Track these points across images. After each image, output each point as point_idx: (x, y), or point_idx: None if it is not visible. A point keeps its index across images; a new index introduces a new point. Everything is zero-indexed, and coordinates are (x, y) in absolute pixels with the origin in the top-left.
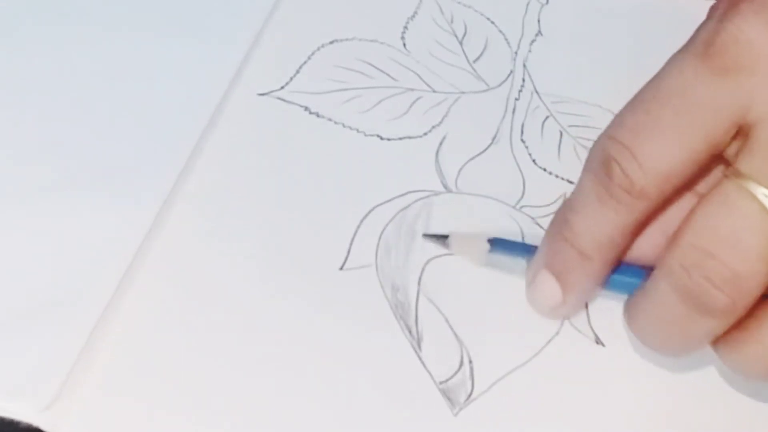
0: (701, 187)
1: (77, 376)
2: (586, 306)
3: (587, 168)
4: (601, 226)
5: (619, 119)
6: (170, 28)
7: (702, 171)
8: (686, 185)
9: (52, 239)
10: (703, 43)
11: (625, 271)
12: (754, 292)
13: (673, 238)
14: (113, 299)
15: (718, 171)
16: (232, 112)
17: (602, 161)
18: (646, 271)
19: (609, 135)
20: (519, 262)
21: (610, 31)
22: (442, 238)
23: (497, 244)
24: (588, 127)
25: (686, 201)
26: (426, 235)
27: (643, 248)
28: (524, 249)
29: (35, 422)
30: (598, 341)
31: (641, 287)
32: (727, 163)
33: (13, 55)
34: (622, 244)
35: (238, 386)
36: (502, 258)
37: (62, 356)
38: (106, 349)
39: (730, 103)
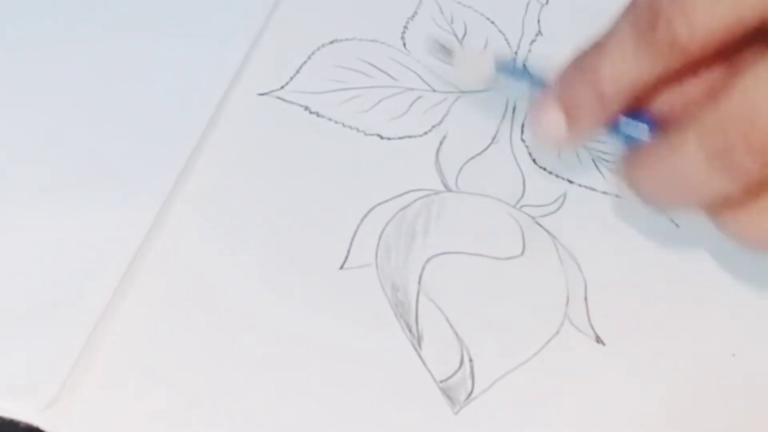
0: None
1: (77, 376)
2: (586, 306)
3: (627, 18)
4: (628, 73)
5: None
6: (170, 28)
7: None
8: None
9: (52, 239)
10: None
11: (631, 124)
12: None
13: (716, 101)
14: (113, 299)
15: None
16: (232, 112)
17: (647, 13)
18: (649, 127)
19: None
20: (522, 86)
21: None
22: (447, 52)
23: (503, 65)
24: None
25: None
26: (431, 46)
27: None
28: (529, 76)
29: (35, 422)
30: (598, 340)
31: (655, 139)
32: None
33: (13, 55)
34: (641, 94)
35: (238, 386)
36: (506, 79)
37: (62, 356)
38: (106, 349)
39: None
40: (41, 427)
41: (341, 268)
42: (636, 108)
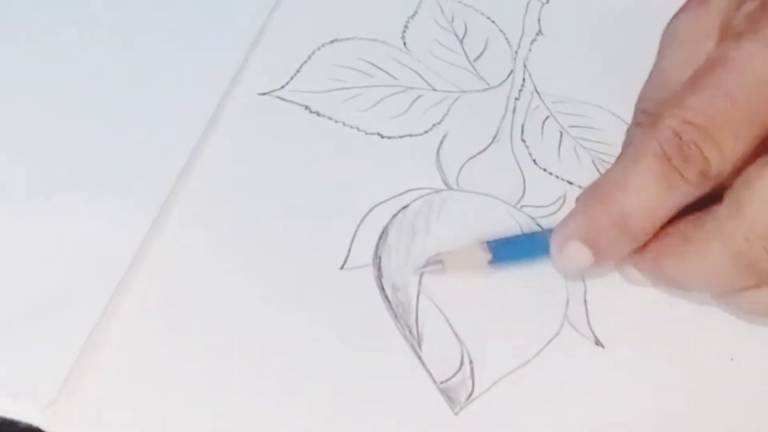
0: None
1: (77, 376)
2: (586, 308)
3: (649, 151)
4: (660, 209)
5: (695, 106)
6: (170, 28)
7: None
8: None
9: (52, 239)
10: None
11: None
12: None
13: (735, 208)
14: (113, 299)
15: None
16: (232, 112)
17: (677, 143)
18: None
19: (683, 118)
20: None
21: (611, 31)
22: (436, 264)
23: (497, 252)
24: (588, 127)
25: None
26: (418, 270)
27: None
28: (524, 246)
29: (35, 422)
30: (597, 342)
31: (676, 236)
32: None
33: (13, 57)
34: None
35: (238, 386)
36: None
37: (62, 356)
38: (105, 349)
39: None
40: (41, 427)
41: (342, 267)
42: None
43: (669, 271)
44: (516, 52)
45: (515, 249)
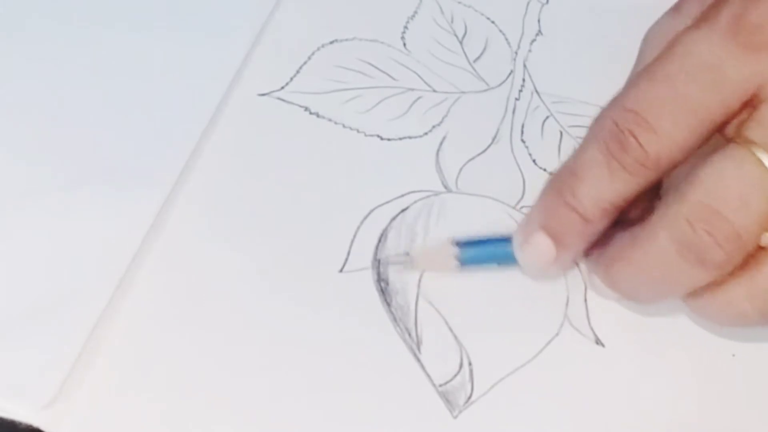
0: None
1: (77, 376)
2: (586, 307)
3: (594, 137)
4: (607, 194)
5: (636, 92)
6: (170, 28)
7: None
8: None
9: (52, 239)
10: (731, 21)
11: None
12: (747, 251)
13: (679, 194)
14: (113, 299)
15: None
16: (232, 112)
17: (615, 132)
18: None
19: (624, 107)
20: (493, 256)
21: (611, 31)
22: (403, 256)
23: (465, 251)
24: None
25: None
26: (386, 261)
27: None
28: (493, 246)
29: (35, 422)
30: (597, 342)
31: (628, 238)
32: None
33: (12, 55)
34: (623, 208)
35: (238, 387)
36: (474, 262)
37: (62, 356)
38: (106, 349)
39: (754, 80)
40: (41, 427)
41: (341, 270)
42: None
43: (618, 273)
44: (516, 53)
45: (485, 251)
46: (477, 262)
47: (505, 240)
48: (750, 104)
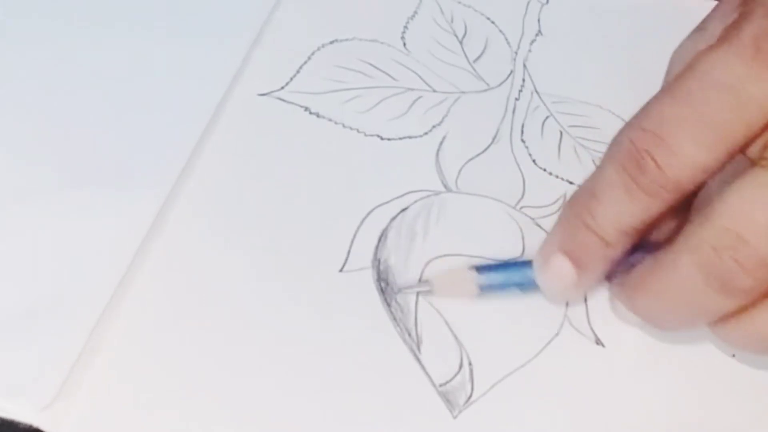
0: None
1: (77, 376)
2: (586, 306)
3: (612, 158)
4: (626, 217)
5: (654, 112)
6: (170, 29)
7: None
8: None
9: (52, 239)
10: (753, 39)
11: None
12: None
13: (704, 219)
14: (113, 299)
15: None
16: (232, 112)
17: (632, 153)
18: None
19: (641, 127)
20: (512, 281)
21: (611, 31)
22: (424, 283)
23: (485, 277)
24: (588, 127)
25: None
26: (404, 289)
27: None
28: (512, 272)
29: (35, 422)
30: (598, 342)
31: (651, 263)
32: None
33: (13, 55)
34: (643, 231)
35: (237, 387)
36: (494, 289)
37: (62, 356)
38: (106, 349)
39: None
40: (41, 427)
41: (341, 270)
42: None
43: (640, 299)
44: (516, 53)
45: (504, 276)
46: (497, 288)
47: (525, 264)
48: None
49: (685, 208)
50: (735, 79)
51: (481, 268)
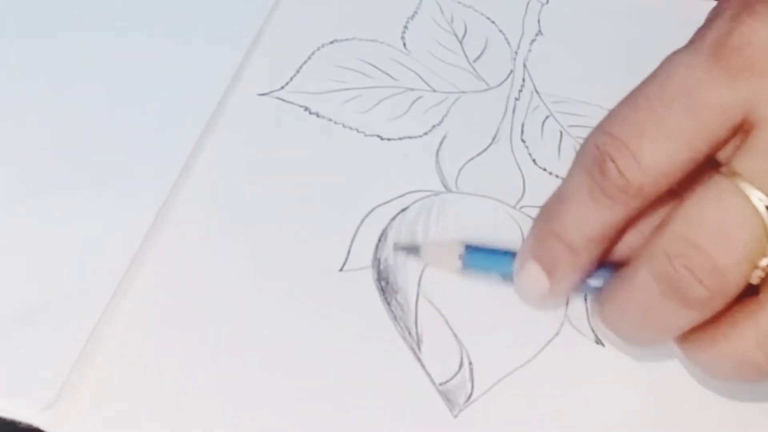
0: None
1: (77, 376)
2: (586, 306)
3: (579, 163)
4: (591, 223)
5: (618, 116)
6: (170, 29)
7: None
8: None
9: (52, 239)
10: (714, 43)
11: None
12: (732, 289)
13: (660, 227)
14: (113, 299)
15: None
16: (232, 112)
17: (596, 158)
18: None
19: (605, 131)
20: (496, 267)
21: (611, 31)
22: (412, 248)
23: (471, 255)
24: (588, 127)
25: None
26: (397, 246)
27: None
28: (499, 259)
29: (35, 422)
30: (598, 341)
31: (616, 276)
32: (715, 161)
33: (13, 56)
34: (611, 239)
35: (237, 387)
36: (477, 268)
37: (62, 356)
38: (106, 349)
39: (738, 104)
40: (41, 427)
41: (341, 269)
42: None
43: (608, 312)
44: (516, 53)
45: (490, 260)
46: (480, 268)
47: (513, 254)
48: (742, 130)
49: None
50: (694, 83)
51: (471, 247)
